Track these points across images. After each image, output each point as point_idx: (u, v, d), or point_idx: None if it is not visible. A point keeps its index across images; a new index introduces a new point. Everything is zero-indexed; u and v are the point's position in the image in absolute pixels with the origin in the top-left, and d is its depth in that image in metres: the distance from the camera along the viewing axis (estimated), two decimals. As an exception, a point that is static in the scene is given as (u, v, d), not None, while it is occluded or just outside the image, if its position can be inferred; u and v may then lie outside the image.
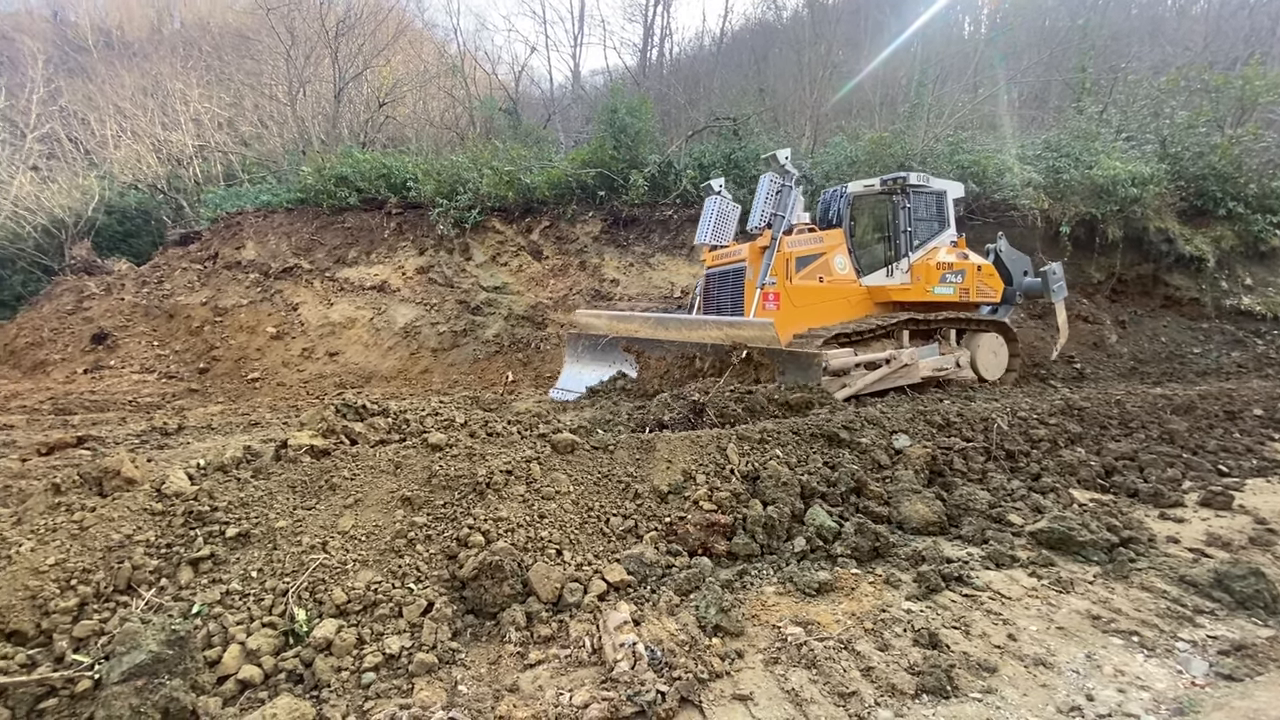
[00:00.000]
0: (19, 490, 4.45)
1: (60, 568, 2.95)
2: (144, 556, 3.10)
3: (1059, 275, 9.44)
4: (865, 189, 8.20)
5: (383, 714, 2.33)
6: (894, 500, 4.35)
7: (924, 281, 8.01)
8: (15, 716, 2.46)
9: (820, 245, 7.70)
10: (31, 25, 32.03)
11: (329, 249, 14.30)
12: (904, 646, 2.93)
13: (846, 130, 14.47)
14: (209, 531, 3.28)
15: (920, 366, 7.57)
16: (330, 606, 2.98)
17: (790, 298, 7.34)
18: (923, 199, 8.34)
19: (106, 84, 22.94)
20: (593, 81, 26.30)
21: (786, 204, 7.44)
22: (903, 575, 3.61)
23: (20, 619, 2.75)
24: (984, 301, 8.68)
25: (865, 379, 6.99)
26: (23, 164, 19.48)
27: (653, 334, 7.16)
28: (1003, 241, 9.57)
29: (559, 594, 3.25)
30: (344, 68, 20.50)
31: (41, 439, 6.14)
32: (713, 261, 8.42)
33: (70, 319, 13.65)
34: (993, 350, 8.58)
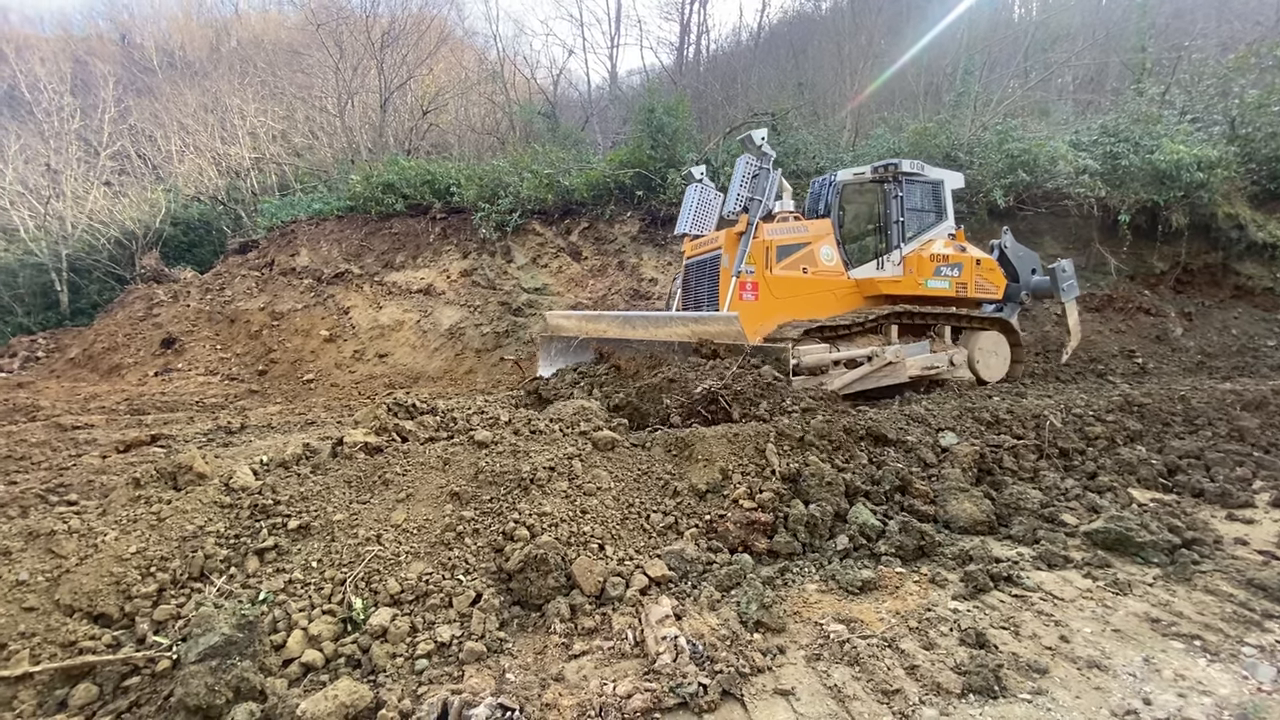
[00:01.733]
0: (101, 484, 4.78)
1: (141, 556, 3.17)
2: (215, 546, 3.31)
3: (1069, 273, 8.89)
4: (855, 177, 7.82)
5: (435, 698, 2.44)
6: (940, 499, 4.27)
7: (916, 274, 7.56)
8: (103, 693, 2.67)
9: (805, 235, 7.32)
10: (102, 49, 34.08)
11: (377, 254, 14.79)
12: (950, 646, 2.89)
13: (889, 121, 14.16)
14: (273, 524, 3.47)
15: (907, 365, 7.09)
16: (385, 596, 3.12)
17: (770, 288, 6.98)
18: (917, 188, 7.91)
19: (171, 102, 24.25)
20: (629, 82, 26.43)
21: (763, 187, 7.08)
22: (949, 574, 3.55)
23: (106, 602, 2.98)
24: (984, 298, 8.18)
25: (844, 377, 6.59)
26: (97, 180, 20.79)
27: (621, 334, 6.80)
28: (1008, 236, 9.04)
29: (601, 587, 3.32)
30: (389, 78, 21.16)
31: (119, 437, 6.57)
32: (691, 251, 8.11)
33: (141, 325, 14.50)
34: (993, 350, 8.08)
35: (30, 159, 20.73)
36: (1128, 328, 11.21)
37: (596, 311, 8.98)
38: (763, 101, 17.31)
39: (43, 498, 4.43)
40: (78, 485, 4.71)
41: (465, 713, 2.35)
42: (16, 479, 5.14)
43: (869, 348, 6.85)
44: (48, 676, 2.68)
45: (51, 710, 2.61)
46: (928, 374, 7.36)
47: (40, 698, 2.64)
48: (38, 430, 7.45)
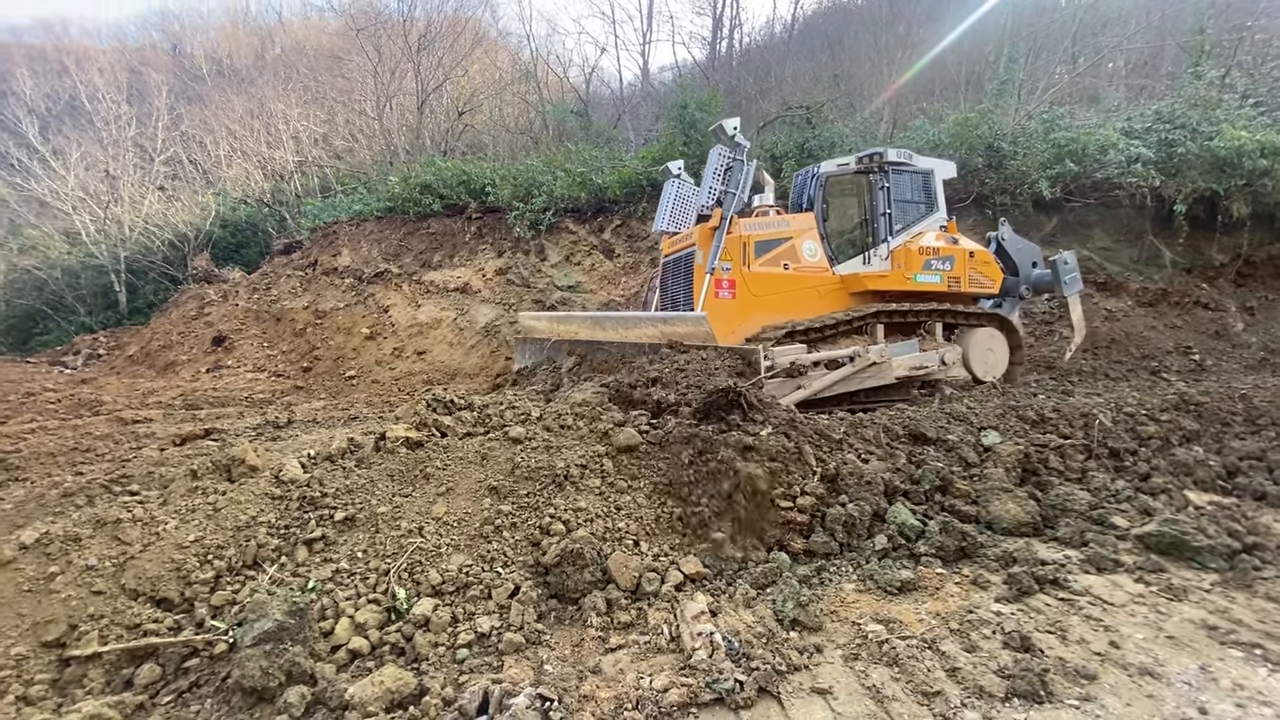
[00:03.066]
0: (159, 475, 5.02)
1: (199, 544, 3.33)
2: (266, 536, 3.45)
3: (1072, 266, 8.41)
4: (839, 168, 7.52)
5: (477, 687, 2.50)
6: (983, 499, 4.17)
7: (905, 268, 7.18)
8: (165, 673, 2.82)
9: (785, 229, 7.04)
10: (155, 59, 35.59)
11: (415, 254, 15.11)
12: (993, 649, 2.83)
13: (928, 112, 13.82)
14: (320, 515, 3.60)
15: (894, 365, 6.72)
16: (427, 586, 3.21)
17: (748, 285, 6.69)
18: (905, 178, 7.54)
19: (219, 109, 25.19)
20: (661, 78, 26.37)
21: (738, 180, 6.74)
22: (992, 576, 3.47)
23: (168, 588, 3.14)
24: (978, 293, 7.79)
25: (824, 379, 6.19)
26: (152, 185, 21.76)
27: (591, 335, 6.72)
28: (1006, 228, 8.60)
29: (637, 582, 3.35)
30: (425, 80, 21.56)
31: (175, 431, 6.88)
32: (667, 249, 7.85)
33: (194, 323, 15.14)
34: (989, 347, 7.61)
35: (90, 166, 21.81)
36: (1184, 323, 10.73)
37: (567, 312, 8.74)
38: (797, 94, 17.08)
39: (107, 488, 4.68)
40: (139, 476, 4.96)
41: (506, 702, 2.40)
42: (83, 470, 5.43)
43: (851, 348, 6.49)
44: (115, 657, 2.83)
45: (118, 688, 2.76)
46: (916, 374, 6.97)
47: (108, 676, 2.80)
48: (101, 424, 7.85)
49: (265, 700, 2.58)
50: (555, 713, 2.41)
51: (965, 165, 11.37)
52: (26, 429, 7.66)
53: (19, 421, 8.43)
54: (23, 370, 13.40)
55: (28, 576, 3.09)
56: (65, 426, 7.72)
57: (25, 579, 3.07)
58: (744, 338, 6.29)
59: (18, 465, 5.81)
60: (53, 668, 2.80)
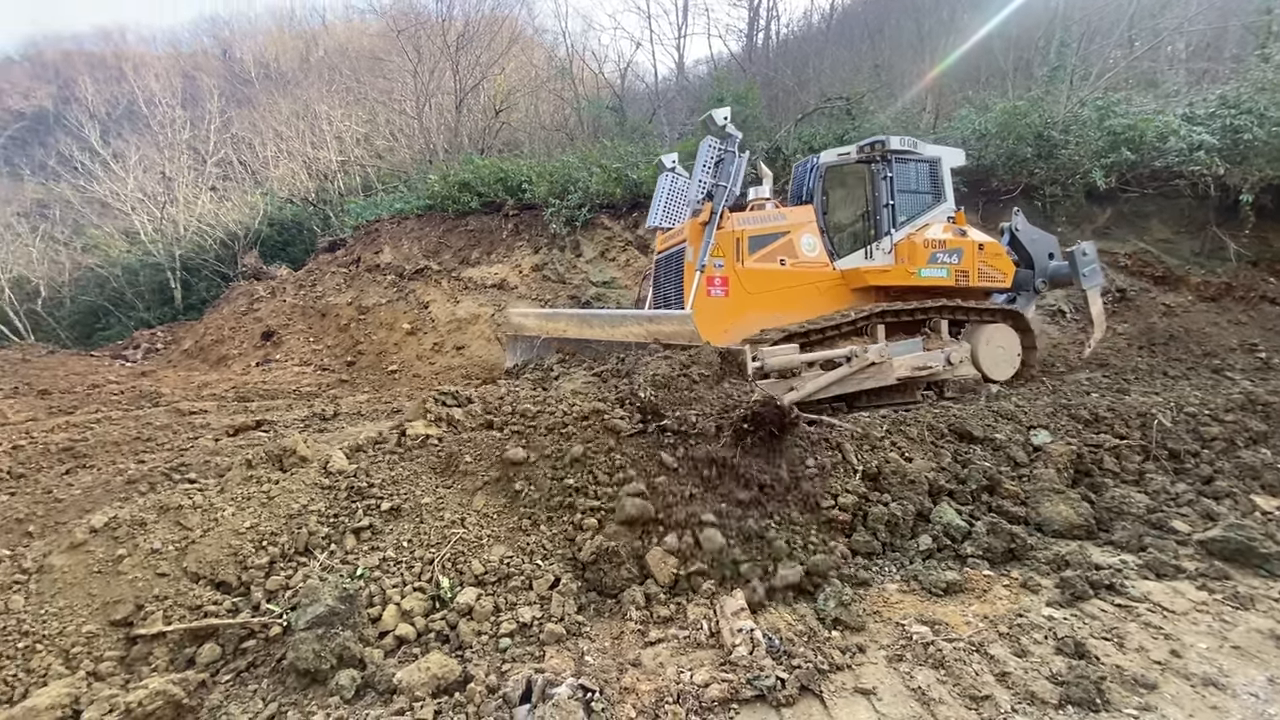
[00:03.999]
0: (215, 464, 5.23)
1: (254, 530, 3.46)
2: (317, 524, 3.56)
3: (1091, 258, 7.86)
4: (839, 158, 7.14)
5: (520, 676, 2.54)
6: (1032, 500, 4.04)
7: (908, 262, 6.76)
8: (225, 653, 2.94)
9: (782, 223, 6.71)
10: (207, 64, 36.97)
11: (454, 250, 15.36)
12: (1045, 654, 2.75)
13: (974, 101, 13.39)
14: (367, 505, 3.70)
15: (895, 365, 6.33)
16: (470, 576, 3.27)
17: (741, 283, 6.39)
18: (910, 168, 7.13)
19: (267, 111, 26.01)
20: (696, 72, 26.17)
21: (729, 172, 6.40)
22: (1042, 580, 3.37)
23: (226, 572, 3.27)
24: (989, 287, 7.32)
25: (818, 381, 5.84)
26: (204, 186, 22.63)
27: (579, 333, 6.49)
28: (1019, 218, 8.09)
29: (675, 578, 3.35)
30: (463, 79, 21.85)
31: (229, 422, 7.15)
32: (660, 245, 7.48)
33: (244, 319, 15.70)
34: (999, 344, 7.12)
35: (148, 168, 22.80)
36: (1249, 319, 10.19)
37: (554, 310, 8.39)
38: (836, 85, 16.74)
39: (167, 475, 4.89)
40: (196, 465, 5.17)
41: (548, 691, 2.44)
42: (144, 458, 5.69)
43: (847, 347, 6.13)
44: (178, 636, 2.97)
45: (181, 666, 2.89)
46: (919, 375, 6.56)
47: (172, 655, 2.93)
48: (160, 415, 8.22)
49: (318, 682, 2.68)
50: (597, 703, 2.43)
51: (1013, 155, 11.00)
52: (93, 419, 8.07)
53: (85, 412, 8.90)
54: (87, 363, 14.12)
55: (98, 558, 3.26)
56: (128, 417, 8.11)
57: (95, 561, 3.25)
58: (738, 338, 6.01)
59: (85, 453, 6.13)
60: (120, 645, 2.95)
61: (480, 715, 2.38)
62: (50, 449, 6.25)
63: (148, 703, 2.54)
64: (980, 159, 11.17)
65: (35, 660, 2.79)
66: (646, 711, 2.46)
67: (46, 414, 8.92)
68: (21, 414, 8.84)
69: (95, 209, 22.69)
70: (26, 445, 6.43)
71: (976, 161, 11.19)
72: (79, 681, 2.71)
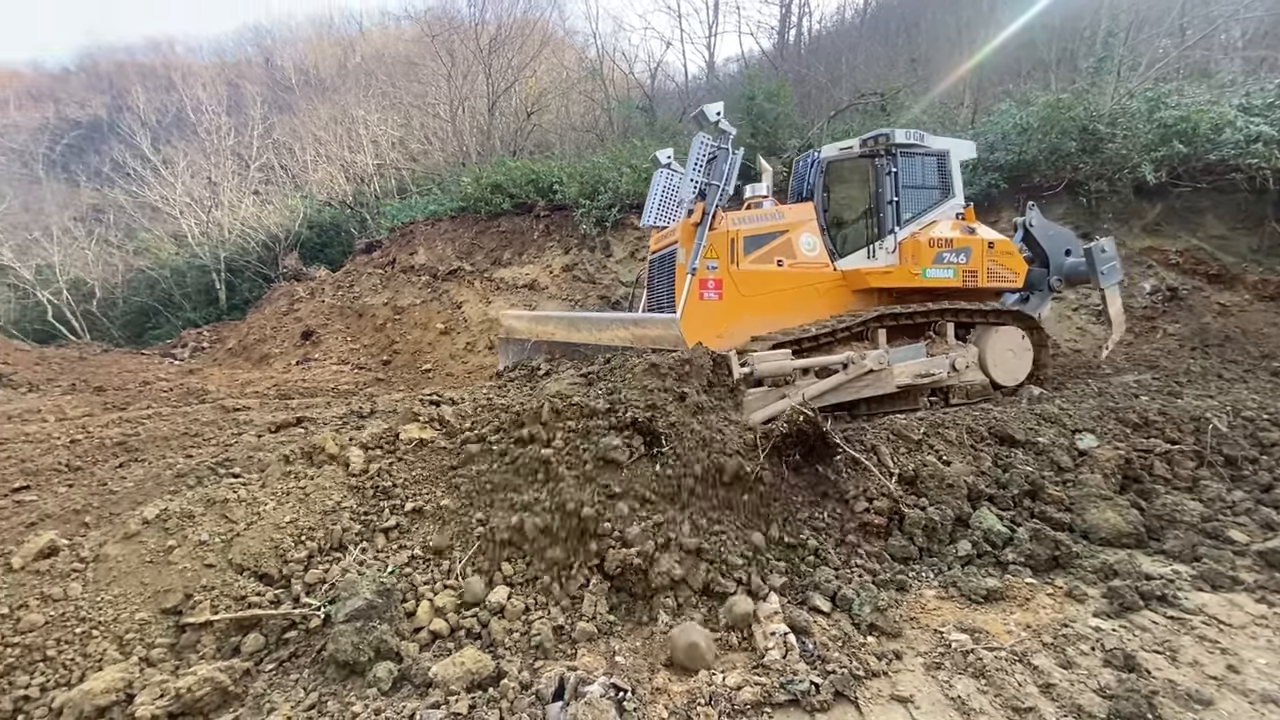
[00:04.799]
0: (258, 460, 5.39)
1: (293, 525, 3.55)
2: (349, 521, 3.64)
3: (1110, 254, 7.41)
4: (841, 152, 6.81)
5: (552, 673, 2.56)
6: (1078, 507, 3.91)
7: (913, 262, 6.43)
8: (268, 642, 3.03)
9: (779, 222, 6.42)
10: (250, 72, 38.17)
11: (486, 251, 15.57)
12: (1092, 666, 2.66)
13: (1014, 95, 13.02)
14: (392, 504, 3.75)
15: (895, 372, 5.95)
16: (499, 576, 3.31)
17: (736, 285, 6.12)
18: (916, 162, 6.77)
19: (306, 116, 26.75)
20: (726, 70, 26.02)
21: (722, 171, 6.10)
22: (1089, 589, 3.25)
23: (268, 564, 3.36)
24: (1000, 287, 6.93)
25: (813, 388, 5.50)
26: (248, 190, 23.39)
27: (567, 337, 6.33)
28: (1034, 213, 7.62)
29: (706, 585, 3.32)
30: (496, 82, 22.13)
31: (270, 419, 7.37)
32: (654, 246, 7.18)
33: (285, 319, 16.17)
34: (1009, 348, 6.72)
35: (195, 173, 23.66)
36: (1312, 319, 9.67)
37: (544, 312, 8.19)
38: (870, 81, 16.47)
39: (213, 470, 5.06)
40: (240, 460, 5.34)
41: (581, 689, 2.45)
42: (192, 453, 5.90)
43: (844, 353, 5.81)
44: (224, 625, 3.07)
45: (227, 654, 2.98)
46: (922, 383, 6.18)
47: (219, 643, 3.03)
48: (206, 411, 8.52)
49: (356, 673, 2.73)
50: (629, 703, 2.43)
51: (1056, 150, 10.65)
52: (144, 415, 8.40)
53: (137, 408, 9.27)
54: (139, 361, 14.72)
55: (149, 549, 3.39)
56: (176, 413, 8.42)
57: (147, 551, 3.38)
58: (733, 343, 5.79)
59: (137, 447, 6.39)
60: (171, 633, 3.06)
61: (514, 711, 2.40)
62: (105, 443, 6.53)
63: (196, 689, 2.63)
64: (1021, 154, 10.86)
65: (91, 645, 2.91)
66: (678, 713, 2.45)
67: (101, 410, 9.32)
68: (79, 410, 9.26)
69: (146, 213, 23.64)
70: (83, 439, 6.73)
71: (1018, 157, 10.88)
72: (132, 667, 2.82)
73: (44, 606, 3.05)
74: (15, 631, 2.92)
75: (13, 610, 3.00)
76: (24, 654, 2.84)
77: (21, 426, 7.93)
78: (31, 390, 11.01)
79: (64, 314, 20.65)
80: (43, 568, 3.29)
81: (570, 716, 2.31)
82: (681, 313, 5.74)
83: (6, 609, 3.01)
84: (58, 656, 2.85)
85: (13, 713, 2.66)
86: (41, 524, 3.93)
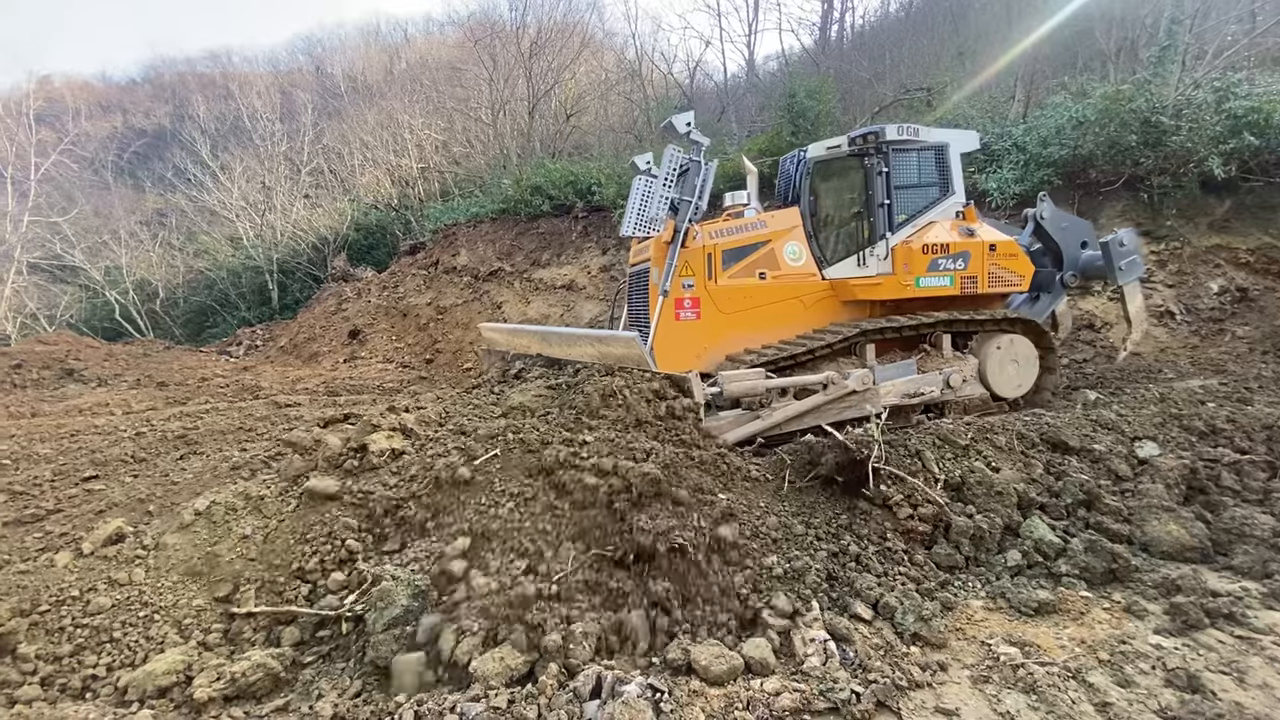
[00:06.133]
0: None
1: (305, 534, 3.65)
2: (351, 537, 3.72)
3: (1130, 248, 6.84)
4: (829, 152, 6.28)
5: (589, 671, 2.57)
6: (1137, 518, 3.73)
7: (905, 272, 5.93)
8: (303, 637, 3.12)
9: (761, 232, 6.01)
10: (302, 80, 39.56)
11: (526, 252, 15.79)
12: (1152, 686, 2.53)
13: (1070, 87, 12.50)
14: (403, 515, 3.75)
15: (881, 391, 5.49)
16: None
17: (715, 302, 5.72)
18: (912, 158, 6.25)
19: (354, 122, 27.58)
20: (766, 68, 25.74)
21: (694, 185, 5.70)
22: (1149, 605, 3.10)
23: (301, 562, 3.47)
24: (1004, 291, 6.38)
25: (785, 411, 5.06)
26: (299, 194, 24.27)
27: (540, 350, 6.11)
28: (1046, 204, 6.96)
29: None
30: (536, 85, 22.41)
31: (320, 415, 7.62)
32: (633, 258, 6.76)
33: (333, 318, 16.71)
34: (1012, 358, 6.19)
35: (250, 179, 24.68)
36: (1401, 321, 9.01)
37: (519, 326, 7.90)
38: (916, 76, 16.06)
39: (266, 464, 5.27)
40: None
41: (618, 689, 2.45)
42: (247, 447, 6.15)
43: (824, 373, 5.35)
44: (265, 617, 3.18)
45: (273, 644, 3.09)
46: (911, 402, 5.69)
47: (265, 633, 3.15)
48: (260, 406, 8.86)
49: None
50: (666, 704, 2.42)
51: (1115, 144, 10.18)
52: (203, 409, 8.79)
53: (196, 403, 9.71)
54: (198, 358, 15.43)
55: (202, 539, 3.55)
56: (232, 408, 8.78)
57: (200, 541, 3.54)
58: (715, 364, 5.52)
59: (196, 440, 6.69)
60: (224, 620, 3.19)
61: (551, 707, 2.42)
62: (167, 436, 6.86)
63: (250, 673, 2.74)
64: (1077, 149, 10.41)
65: (154, 629, 3.07)
66: (716, 716, 2.43)
67: (164, 404, 9.79)
68: (143, 403, 9.75)
69: (205, 217, 24.77)
70: (147, 432, 7.08)
71: (1073, 152, 10.44)
72: (191, 650, 2.96)
73: (111, 590, 3.22)
74: (85, 613, 3.09)
75: (83, 593, 3.18)
76: (92, 635, 3.01)
77: (92, 419, 8.40)
78: (100, 385, 11.66)
79: (130, 312, 21.82)
80: (110, 554, 3.48)
81: (607, 716, 2.32)
82: (655, 336, 5.50)
83: (77, 591, 3.19)
84: (123, 638, 3.01)
85: (81, 690, 2.81)
86: (109, 512, 4.15)
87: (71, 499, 5.07)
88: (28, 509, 4.82)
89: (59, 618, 3.05)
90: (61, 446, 6.68)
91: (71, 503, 4.98)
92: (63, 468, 5.84)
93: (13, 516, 4.67)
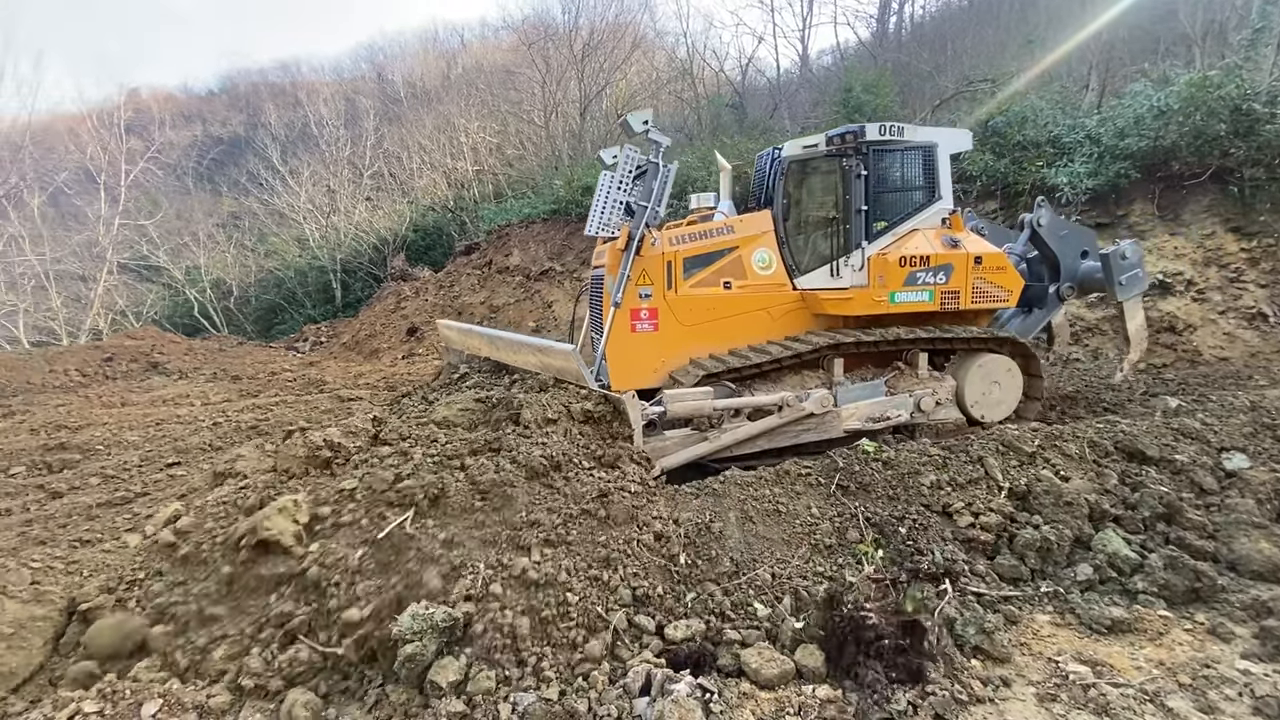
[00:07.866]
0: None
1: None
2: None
3: (1133, 262, 6.33)
4: (805, 151, 5.75)
5: (639, 668, 2.58)
6: (1223, 534, 3.48)
7: (880, 286, 5.44)
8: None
9: (728, 238, 5.55)
10: (365, 87, 41.11)
11: (576, 252, 15.97)
12: (1239, 713, 2.37)
13: (1150, 74, 11.77)
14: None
15: (843, 415, 5.10)
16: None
17: (675, 313, 5.30)
18: (895, 159, 5.73)
19: (413, 127, 28.51)
20: (820, 63, 25.24)
21: (652, 188, 5.21)
22: (1236, 628, 2.90)
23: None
24: (990, 308, 5.83)
25: (735, 434, 4.75)
26: (361, 197, 25.27)
27: (489, 353, 5.88)
28: (1043, 211, 6.41)
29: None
30: (587, 87, 22.65)
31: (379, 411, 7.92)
32: (595, 260, 6.33)
33: (392, 316, 17.32)
34: (993, 378, 5.71)
35: (316, 182, 25.87)
36: None
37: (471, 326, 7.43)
38: (980, 67, 15.44)
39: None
40: (353, 447, 5.77)
41: (667, 687, 2.46)
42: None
43: (779, 394, 4.95)
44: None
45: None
46: (875, 427, 5.20)
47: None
48: (324, 400, 9.28)
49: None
50: (715, 704, 2.42)
51: (1201, 134, 9.51)
52: (272, 402, 9.27)
53: (267, 395, 10.25)
54: (267, 353, 16.27)
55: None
56: (299, 401, 9.23)
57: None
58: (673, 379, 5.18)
59: (267, 431, 7.07)
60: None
61: (602, 701, 2.44)
62: (241, 426, 7.26)
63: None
64: (1158, 140, 9.78)
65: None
66: (765, 719, 2.41)
67: (238, 396, 10.38)
68: (219, 395, 10.35)
69: (275, 219, 26.11)
70: (223, 422, 7.51)
71: (1153, 143, 9.82)
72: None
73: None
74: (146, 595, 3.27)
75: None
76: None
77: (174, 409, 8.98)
78: (181, 377, 12.44)
79: (207, 309, 23.21)
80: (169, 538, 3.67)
81: (657, 713, 2.33)
82: (606, 347, 5.19)
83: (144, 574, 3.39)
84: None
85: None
86: (188, 497, 4.43)
87: (156, 483, 5.43)
88: (118, 491, 5.20)
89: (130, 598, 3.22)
90: (148, 434, 7.18)
91: (156, 486, 5.34)
92: (149, 454, 6.28)
93: (105, 498, 5.05)
